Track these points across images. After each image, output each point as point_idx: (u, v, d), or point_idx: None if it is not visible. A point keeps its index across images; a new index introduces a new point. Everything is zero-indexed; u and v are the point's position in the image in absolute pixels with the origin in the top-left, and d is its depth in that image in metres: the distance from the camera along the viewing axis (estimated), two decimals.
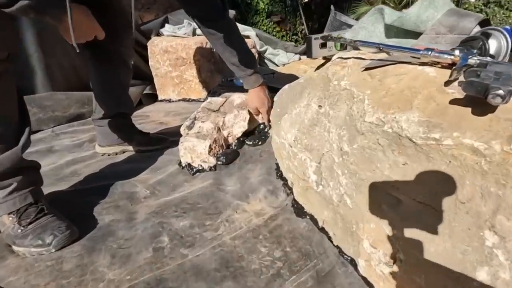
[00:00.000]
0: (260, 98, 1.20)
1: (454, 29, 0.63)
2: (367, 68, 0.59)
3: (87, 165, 1.24)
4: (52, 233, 0.74)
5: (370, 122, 0.51)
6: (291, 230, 0.82)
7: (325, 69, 0.70)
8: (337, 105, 0.61)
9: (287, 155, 0.85)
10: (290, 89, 0.84)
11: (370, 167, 0.51)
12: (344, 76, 0.62)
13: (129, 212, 0.92)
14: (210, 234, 0.83)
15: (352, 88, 0.57)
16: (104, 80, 1.16)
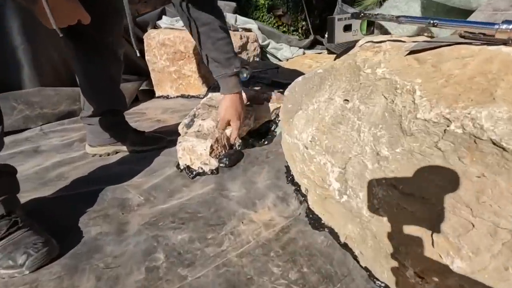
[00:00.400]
0: (235, 109, 1.00)
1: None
2: (412, 51, 0.48)
3: (76, 167, 1.13)
4: (25, 252, 0.63)
5: (425, 119, 0.39)
6: (307, 245, 0.70)
7: (352, 56, 0.58)
8: (370, 98, 0.50)
9: (302, 157, 0.74)
10: (305, 81, 0.73)
11: (421, 178, 0.40)
12: (381, 63, 0.50)
13: (120, 222, 0.81)
14: (212, 250, 0.71)
15: (394, 77, 0.46)
16: (92, 74, 1.03)
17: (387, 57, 0.51)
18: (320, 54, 2.59)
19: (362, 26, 0.63)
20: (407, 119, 0.42)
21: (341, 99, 0.57)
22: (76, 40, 0.95)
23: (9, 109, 1.50)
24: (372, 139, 0.48)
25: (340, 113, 0.57)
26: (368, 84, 0.51)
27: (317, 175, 0.69)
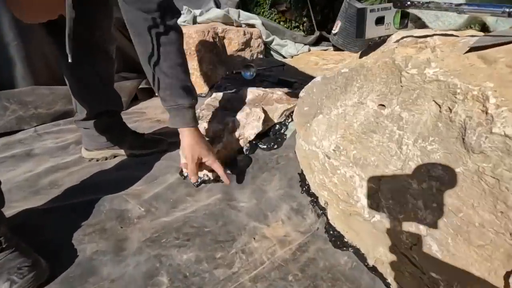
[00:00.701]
0: (203, 141, 0.84)
1: None
2: (473, 48, 0.39)
3: (70, 173, 1.04)
4: (8, 278, 0.55)
5: (505, 135, 0.31)
6: (329, 267, 0.63)
7: (388, 53, 0.50)
8: (416, 104, 0.42)
9: (322, 167, 0.66)
10: (325, 81, 0.64)
11: (494, 207, 0.32)
12: (430, 62, 0.42)
13: (118, 239, 0.73)
14: (222, 272, 0.63)
15: (452, 79, 0.38)
16: (80, 74, 0.94)
17: (438, 54, 0.43)
18: (326, 51, 2.50)
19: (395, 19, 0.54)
20: (475, 133, 0.34)
21: (375, 103, 0.49)
22: (58, 37, 0.81)
23: (1, 109, 1.42)
24: (420, 154, 0.40)
25: (374, 120, 0.49)
26: (412, 87, 0.43)
27: (340, 189, 0.61)
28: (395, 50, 0.48)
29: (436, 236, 0.40)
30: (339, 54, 2.34)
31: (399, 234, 0.46)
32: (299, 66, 2.06)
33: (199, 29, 1.93)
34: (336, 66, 2.15)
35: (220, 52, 2.08)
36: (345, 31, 2.22)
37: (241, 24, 2.28)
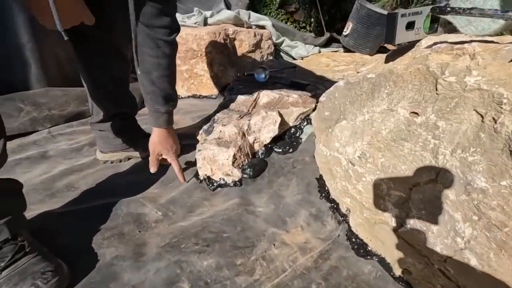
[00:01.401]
0: (165, 143, 0.94)
1: None
2: None
3: (85, 176, 1.04)
4: (33, 283, 0.55)
5: None
6: (352, 276, 0.61)
7: (421, 59, 0.48)
8: (455, 113, 0.40)
9: (345, 174, 0.64)
10: (348, 87, 0.63)
11: None
12: (471, 70, 0.41)
13: (137, 243, 0.72)
14: (244, 279, 0.62)
15: (497, 89, 0.36)
16: (96, 75, 0.95)
17: (480, 62, 0.42)
18: (337, 52, 2.48)
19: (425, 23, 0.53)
20: None
21: (407, 111, 0.47)
22: (75, 38, 0.85)
23: (16, 111, 1.43)
24: (459, 165, 0.39)
25: (405, 128, 0.48)
26: (451, 95, 0.42)
27: (365, 196, 0.59)
28: (429, 57, 0.47)
29: (476, 250, 0.38)
30: (350, 55, 2.32)
31: (432, 246, 0.45)
32: (310, 67, 2.04)
33: (210, 30, 1.93)
34: (347, 67, 2.13)
35: (231, 54, 2.08)
36: (357, 32, 2.20)
37: (251, 26, 2.27)
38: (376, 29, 2.11)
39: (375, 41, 2.18)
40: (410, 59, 0.51)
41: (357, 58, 2.24)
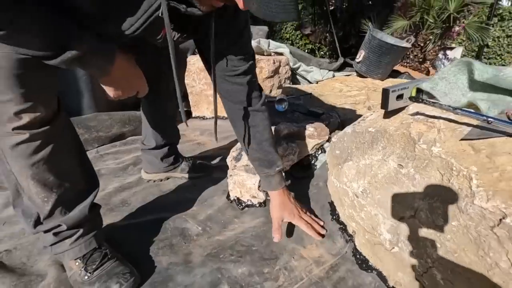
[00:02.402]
0: (287, 205, 0.95)
1: None
2: (466, 138, 0.55)
3: (135, 193, 1.26)
4: (118, 282, 0.75)
5: (481, 207, 0.47)
6: (356, 286, 0.78)
7: (406, 126, 0.66)
8: (426, 171, 0.58)
9: (351, 203, 0.82)
10: (354, 134, 0.81)
11: (477, 252, 0.47)
12: (436, 141, 0.58)
13: (184, 253, 0.92)
14: (270, 285, 0.80)
15: (450, 159, 0.54)
16: (154, 116, 1.16)
17: (442, 137, 0.59)
18: (350, 77, 2.65)
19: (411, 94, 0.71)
20: (464, 201, 0.50)
21: (395, 163, 0.65)
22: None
23: None
24: (428, 207, 0.56)
25: (394, 175, 0.65)
26: (423, 157, 0.59)
27: (367, 223, 0.76)
28: (411, 125, 0.64)
29: (441, 269, 0.54)
30: (362, 80, 2.48)
31: (413, 264, 0.61)
32: (325, 93, 2.22)
33: None
34: (359, 92, 2.29)
35: None
36: (368, 60, 2.37)
37: (271, 53, 2.48)
38: (387, 57, 2.28)
39: (385, 68, 2.34)
40: (399, 123, 0.69)
41: (369, 83, 2.41)
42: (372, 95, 2.25)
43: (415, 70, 3.46)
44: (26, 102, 0.59)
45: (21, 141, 0.61)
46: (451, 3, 2.71)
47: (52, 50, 0.54)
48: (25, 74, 0.57)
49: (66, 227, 0.73)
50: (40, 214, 0.72)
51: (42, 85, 0.62)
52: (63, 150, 0.70)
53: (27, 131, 0.61)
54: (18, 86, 0.57)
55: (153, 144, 1.22)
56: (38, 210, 0.71)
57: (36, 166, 0.65)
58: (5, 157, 0.64)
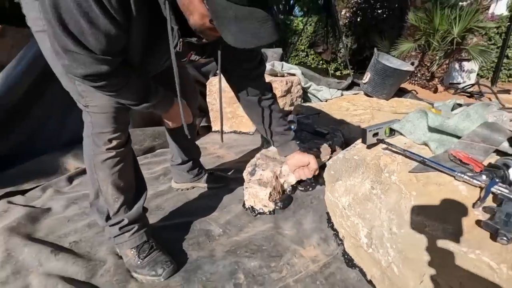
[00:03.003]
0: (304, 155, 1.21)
1: (486, 140, 0.79)
2: (413, 171, 0.77)
3: (167, 200, 1.53)
4: (162, 267, 1.00)
5: (416, 219, 0.69)
6: (343, 279, 1.00)
7: (377, 158, 0.88)
8: (388, 192, 0.80)
9: (340, 214, 1.04)
10: (344, 160, 1.04)
11: (415, 251, 0.69)
12: (394, 172, 0.80)
13: (209, 249, 1.16)
14: (276, 275, 1.03)
15: (401, 186, 0.76)
16: (176, 137, 1.43)
17: (398, 169, 0.81)
18: (357, 95, 2.86)
19: (385, 132, 0.92)
20: (407, 215, 0.71)
21: (369, 185, 0.87)
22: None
23: None
24: (387, 219, 0.78)
25: (369, 194, 0.87)
26: (386, 182, 0.81)
27: (351, 230, 0.99)
28: (381, 158, 0.87)
29: (396, 263, 0.76)
30: (368, 100, 2.68)
31: (381, 261, 0.83)
32: (332, 112, 2.44)
33: None
34: (364, 111, 2.49)
35: None
36: (374, 81, 2.58)
37: (284, 74, 2.74)
38: (390, 79, 2.48)
39: (390, 89, 2.54)
40: (374, 154, 0.91)
41: (374, 103, 2.61)
42: (377, 114, 2.45)
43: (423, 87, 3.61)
44: (116, 132, 0.88)
45: (109, 157, 0.90)
46: (455, 27, 2.88)
47: (139, 101, 0.82)
48: (118, 115, 0.86)
49: (127, 221, 1.00)
50: (110, 211, 0.99)
51: (125, 121, 0.91)
52: (129, 163, 0.99)
53: (114, 151, 0.90)
54: (114, 122, 0.86)
55: (179, 160, 1.49)
56: (109, 208, 0.99)
57: (114, 175, 0.93)
58: (95, 169, 0.93)
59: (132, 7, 0.65)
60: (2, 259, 1.10)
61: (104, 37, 0.65)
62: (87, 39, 0.65)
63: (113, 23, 0.64)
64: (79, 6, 0.60)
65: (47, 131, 1.85)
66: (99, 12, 0.61)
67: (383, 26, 6.51)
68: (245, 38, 0.62)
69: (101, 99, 0.83)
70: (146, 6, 0.69)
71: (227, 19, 0.60)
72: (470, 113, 0.87)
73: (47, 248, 1.14)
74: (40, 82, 1.70)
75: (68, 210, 1.46)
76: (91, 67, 0.69)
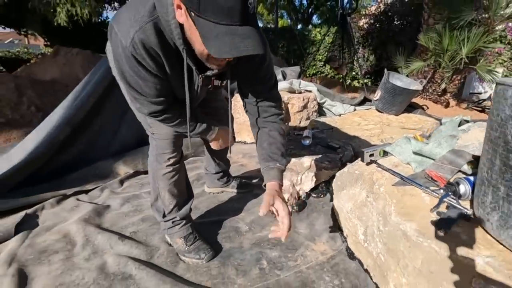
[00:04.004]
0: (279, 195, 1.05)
1: (452, 163, 1.04)
2: (395, 185, 1.03)
3: (202, 201, 1.84)
4: (204, 252, 1.31)
5: (394, 220, 0.95)
6: (345, 268, 1.27)
7: (371, 173, 1.15)
8: (377, 200, 1.06)
9: (344, 216, 1.31)
10: (348, 173, 1.31)
11: (394, 243, 0.95)
12: (383, 185, 1.07)
13: (238, 242, 1.46)
14: (292, 263, 1.31)
15: (386, 195, 1.02)
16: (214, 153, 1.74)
17: (385, 183, 1.07)
18: (369, 111, 3.08)
19: (380, 153, 1.19)
20: (389, 217, 0.98)
21: (365, 194, 1.14)
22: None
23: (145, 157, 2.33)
24: (377, 220, 1.04)
25: (364, 201, 1.14)
26: (377, 192, 1.07)
27: (352, 229, 1.26)
28: (374, 173, 1.13)
29: (382, 253, 1.01)
30: (379, 115, 2.91)
31: (373, 252, 1.09)
32: (345, 126, 2.70)
33: None
34: (375, 126, 2.72)
35: (285, 113, 2.83)
36: (384, 99, 2.81)
37: (301, 91, 3.02)
38: (400, 97, 2.70)
39: (399, 105, 2.75)
40: (370, 170, 1.17)
41: (384, 118, 2.83)
42: (386, 129, 2.68)
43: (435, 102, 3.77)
44: (173, 153, 1.20)
45: (167, 172, 1.22)
46: (463, 48, 3.06)
47: (192, 130, 1.13)
48: (175, 140, 1.18)
49: (178, 218, 1.32)
50: (165, 210, 1.31)
51: (180, 144, 1.23)
52: (182, 176, 1.30)
53: (172, 167, 1.22)
54: (172, 146, 1.18)
55: (213, 171, 1.80)
56: (165, 208, 1.31)
57: (170, 185, 1.25)
58: (157, 180, 1.25)
59: (165, 64, 0.91)
60: (83, 242, 1.44)
61: (154, 87, 0.94)
62: (144, 90, 0.95)
63: (156, 77, 0.93)
64: (134, 72, 0.90)
65: (101, 142, 2.23)
66: (146, 73, 0.90)
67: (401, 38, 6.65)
68: (224, 49, 0.70)
69: (164, 129, 1.14)
70: (174, 58, 0.91)
71: (212, 36, 0.71)
72: (441, 142, 1.12)
73: (114, 236, 1.47)
74: (100, 103, 2.08)
75: (124, 207, 1.80)
76: (151, 107, 1.00)
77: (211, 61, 0.86)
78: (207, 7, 0.68)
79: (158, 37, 0.83)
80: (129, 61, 0.86)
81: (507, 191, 0.67)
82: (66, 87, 3.53)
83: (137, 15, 0.81)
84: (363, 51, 7.13)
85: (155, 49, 0.85)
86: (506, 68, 5.60)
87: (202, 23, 0.71)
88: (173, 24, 0.81)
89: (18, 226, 1.58)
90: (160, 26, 0.82)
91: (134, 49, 0.83)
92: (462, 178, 0.93)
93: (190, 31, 0.79)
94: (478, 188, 0.79)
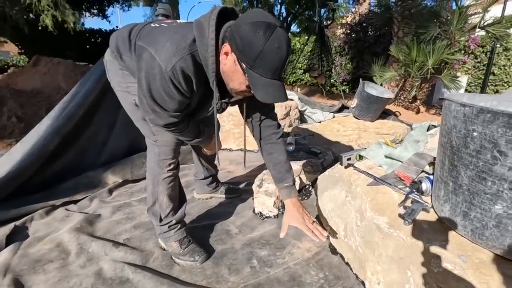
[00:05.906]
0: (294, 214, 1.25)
1: (416, 164, 1.20)
2: (369, 185, 1.18)
3: (192, 207, 1.92)
4: (198, 254, 1.39)
5: (369, 215, 1.09)
6: (329, 262, 1.39)
7: (349, 175, 1.29)
8: (355, 199, 1.20)
9: (327, 216, 1.44)
10: (329, 176, 1.45)
11: (370, 235, 1.09)
12: (359, 185, 1.21)
13: (230, 243, 1.55)
14: (280, 260, 1.42)
15: (362, 194, 1.16)
16: (203, 159, 1.84)
17: (361, 183, 1.22)
18: (347, 117, 3.29)
19: (356, 157, 1.33)
20: (364, 213, 1.11)
21: (344, 194, 1.27)
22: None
23: (141, 163, 2.39)
24: (355, 217, 1.17)
25: (344, 200, 1.27)
26: (354, 192, 1.21)
27: (334, 227, 1.39)
28: (351, 175, 1.27)
29: (360, 246, 1.15)
30: (356, 122, 3.11)
31: (352, 246, 1.23)
32: (325, 133, 2.86)
33: None
34: (352, 132, 2.91)
35: None
36: (360, 106, 3.01)
37: None
38: (374, 105, 2.91)
39: (374, 112, 2.97)
40: (348, 173, 1.32)
41: (361, 125, 3.03)
42: (363, 134, 2.87)
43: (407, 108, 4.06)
44: (173, 159, 1.29)
45: (167, 176, 1.31)
46: (429, 59, 3.35)
47: (193, 138, 1.23)
48: (176, 147, 1.28)
49: (174, 221, 1.40)
50: (162, 215, 1.39)
51: (179, 151, 1.33)
52: (178, 180, 1.39)
53: (171, 171, 1.31)
54: (173, 152, 1.28)
55: (202, 176, 1.89)
56: (162, 213, 1.39)
57: (169, 189, 1.34)
58: (157, 184, 1.33)
59: (194, 86, 1.06)
60: (77, 250, 1.48)
61: (177, 104, 1.07)
62: (167, 105, 1.06)
63: (183, 96, 1.05)
64: (164, 90, 1.01)
65: (91, 152, 2.25)
66: (176, 92, 1.02)
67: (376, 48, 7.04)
68: (267, 97, 0.94)
69: (167, 136, 1.24)
70: (201, 83, 1.10)
71: (260, 85, 0.92)
72: (407, 146, 1.29)
73: (108, 243, 1.52)
74: (90, 113, 2.12)
75: (115, 215, 1.85)
76: (168, 120, 1.10)
77: (238, 93, 1.04)
78: (261, 65, 0.88)
79: (194, 67, 0.99)
80: (163, 82, 0.99)
81: (454, 186, 0.82)
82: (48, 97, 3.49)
83: (179, 47, 0.96)
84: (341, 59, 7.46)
85: (191, 75, 1.00)
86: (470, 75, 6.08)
87: (252, 74, 0.91)
88: (211, 61, 0.97)
89: (8, 237, 1.59)
90: (197, 58, 0.98)
91: (173, 74, 0.97)
92: (424, 177, 1.08)
93: (233, 73, 0.97)
94: (434, 184, 0.94)
